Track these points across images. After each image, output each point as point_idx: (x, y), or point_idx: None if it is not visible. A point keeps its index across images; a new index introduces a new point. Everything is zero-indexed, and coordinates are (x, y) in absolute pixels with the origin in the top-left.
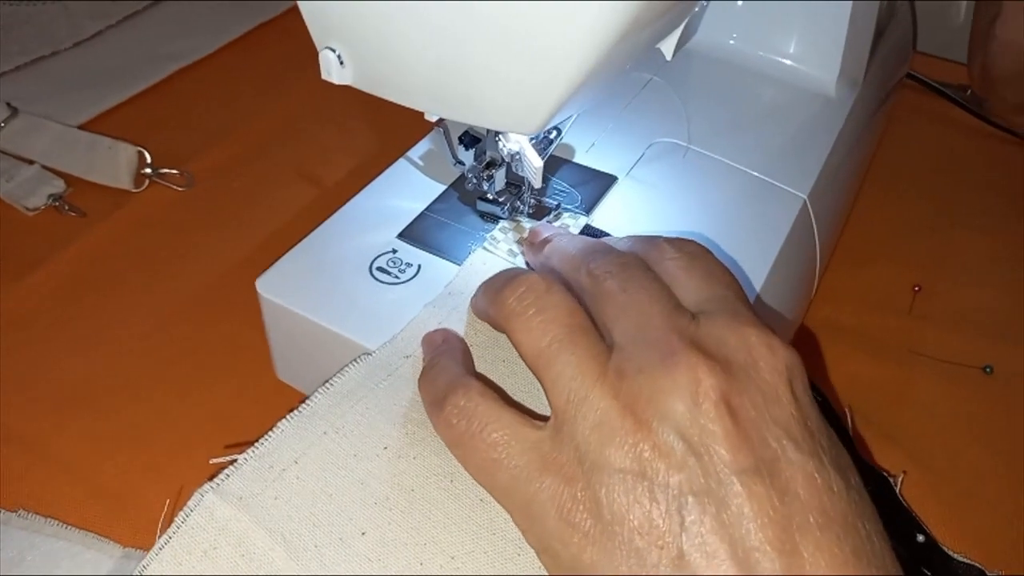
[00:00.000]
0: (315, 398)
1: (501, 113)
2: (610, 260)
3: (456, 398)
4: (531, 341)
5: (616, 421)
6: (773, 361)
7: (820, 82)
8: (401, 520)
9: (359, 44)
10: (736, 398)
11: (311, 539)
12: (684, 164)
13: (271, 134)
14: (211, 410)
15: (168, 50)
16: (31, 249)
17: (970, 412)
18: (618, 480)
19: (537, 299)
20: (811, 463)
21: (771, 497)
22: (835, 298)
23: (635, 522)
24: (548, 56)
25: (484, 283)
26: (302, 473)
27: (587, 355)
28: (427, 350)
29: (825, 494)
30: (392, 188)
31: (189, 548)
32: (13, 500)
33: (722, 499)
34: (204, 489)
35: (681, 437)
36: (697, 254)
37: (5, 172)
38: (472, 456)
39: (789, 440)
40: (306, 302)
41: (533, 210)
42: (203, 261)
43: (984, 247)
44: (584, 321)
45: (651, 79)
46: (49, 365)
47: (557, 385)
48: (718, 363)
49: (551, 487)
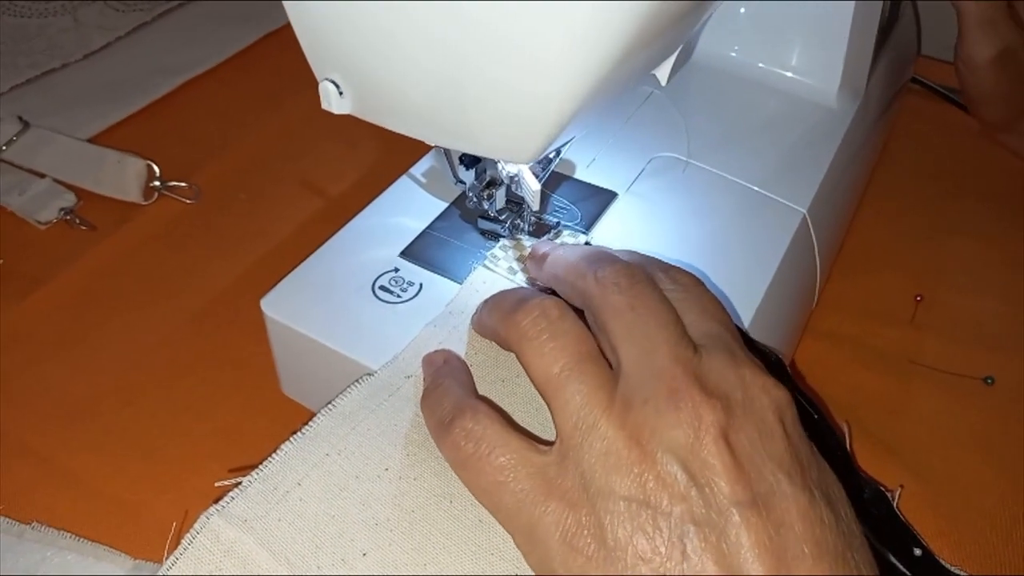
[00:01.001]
0: (317, 420)
1: (496, 143)
2: (617, 270)
3: (464, 421)
4: (543, 366)
5: (623, 451)
6: (766, 400)
7: (821, 93)
8: (402, 541)
9: (357, 76)
10: (734, 434)
11: (314, 560)
12: (684, 179)
13: (276, 146)
14: (218, 424)
15: (174, 63)
16: (43, 263)
17: (970, 423)
18: (623, 507)
19: (550, 325)
20: (804, 496)
21: (767, 528)
22: (836, 308)
23: (638, 548)
24: (541, 89)
25: (491, 300)
26: (305, 495)
27: (596, 383)
28: (427, 371)
29: (817, 526)
30: (394, 206)
31: (195, 569)
32: (26, 513)
33: (721, 529)
34: (209, 512)
35: (683, 469)
36: (690, 286)
37: (17, 186)
38: (478, 478)
39: (783, 474)
40: (310, 322)
41: (533, 228)
42: (210, 274)
43: (986, 256)
44: (593, 349)
45: (652, 93)
46: (59, 379)
47: (565, 412)
48: (719, 400)
49: (555, 511)
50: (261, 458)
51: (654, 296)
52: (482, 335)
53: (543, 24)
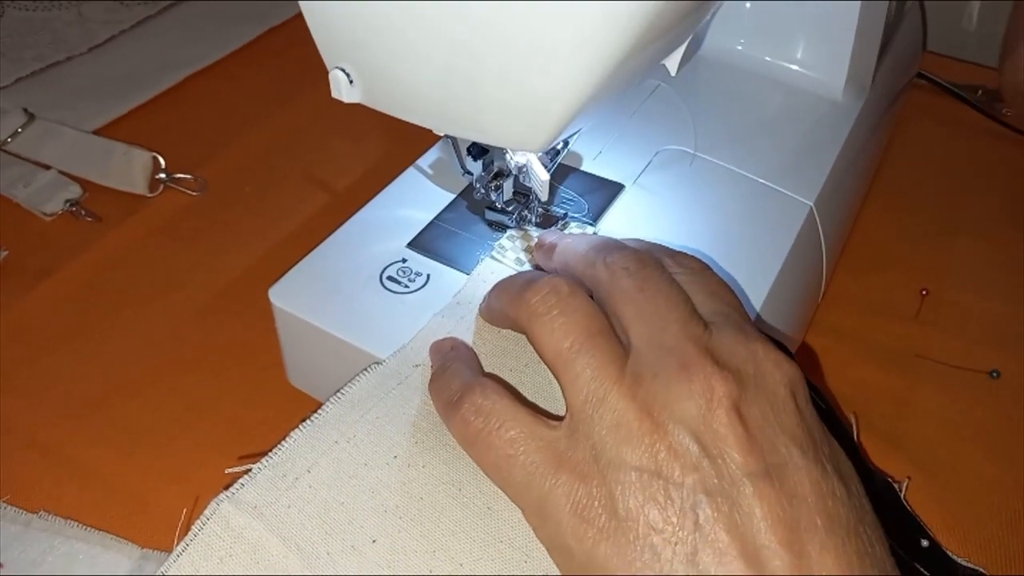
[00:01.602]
0: (326, 408)
1: (506, 131)
2: (626, 256)
3: (474, 396)
4: (552, 342)
5: (633, 423)
6: (779, 374)
7: (827, 87)
8: (411, 528)
9: (368, 64)
10: (746, 407)
11: (324, 547)
12: (691, 172)
13: (281, 139)
14: (225, 414)
15: (179, 57)
16: (49, 254)
17: (976, 417)
18: (634, 478)
19: (560, 301)
20: (816, 469)
21: (780, 500)
22: (841, 303)
23: (649, 518)
24: (553, 76)
25: (498, 285)
26: (314, 482)
27: (606, 358)
28: (435, 358)
29: (829, 499)
30: (401, 197)
31: (205, 555)
32: (33, 502)
33: (734, 500)
34: (220, 498)
35: (695, 440)
36: (698, 270)
37: (23, 178)
38: (487, 453)
39: (796, 447)
40: (318, 312)
41: (541, 219)
42: (217, 266)
43: (992, 253)
44: (604, 325)
45: (658, 86)
46: (66, 370)
47: (576, 385)
48: (730, 373)
49: (566, 484)
50: (268, 448)
51: (663, 278)
52: (490, 321)
53: (554, 19)
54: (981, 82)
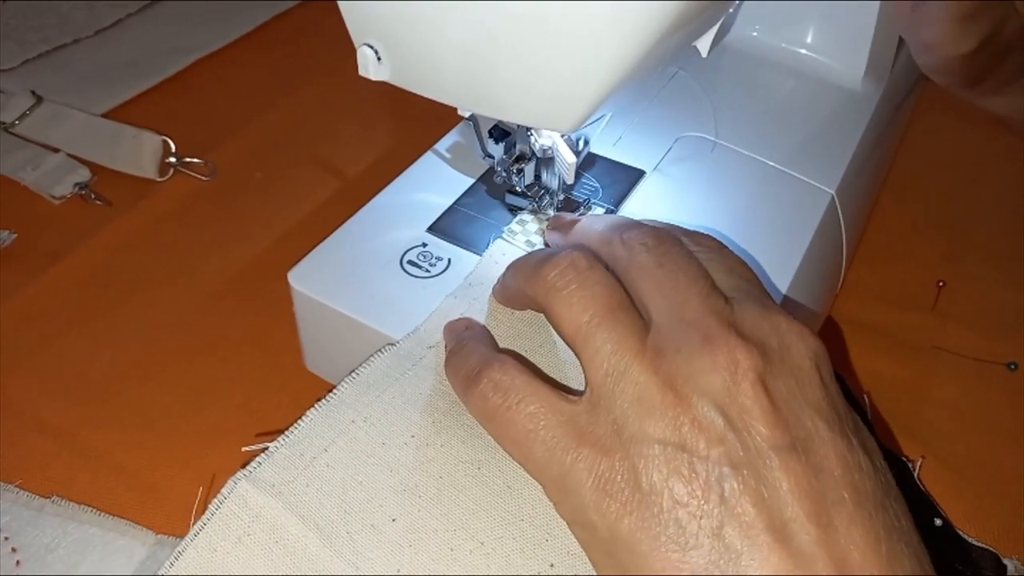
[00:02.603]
0: (341, 388)
1: (538, 110)
2: (644, 232)
3: (492, 371)
4: (572, 316)
5: (656, 396)
6: (803, 347)
7: (846, 76)
8: (430, 507)
9: (397, 40)
10: (771, 379)
11: (344, 526)
12: (712, 158)
13: (291, 124)
14: (239, 399)
15: (188, 40)
16: (59, 238)
17: (993, 409)
18: (658, 451)
19: (578, 275)
20: (842, 443)
21: (807, 473)
22: (858, 294)
23: (674, 492)
24: (588, 53)
25: (513, 264)
26: (332, 461)
27: (627, 332)
28: (450, 337)
29: (856, 472)
30: (420, 182)
31: (223, 534)
32: (45, 487)
33: (760, 473)
34: (237, 477)
35: (720, 412)
36: (715, 248)
37: (31, 161)
38: (507, 429)
39: (821, 420)
40: (339, 296)
41: (562, 204)
42: (227, 251)
43: (1008, 244)
44: (624, 298)
45: (676, 72)
46: (77, 354)
47: (596, 359)
48: (755, 346)
49: (588, 458)
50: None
51: (682, 253)
52: (504, 301)
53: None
54: None
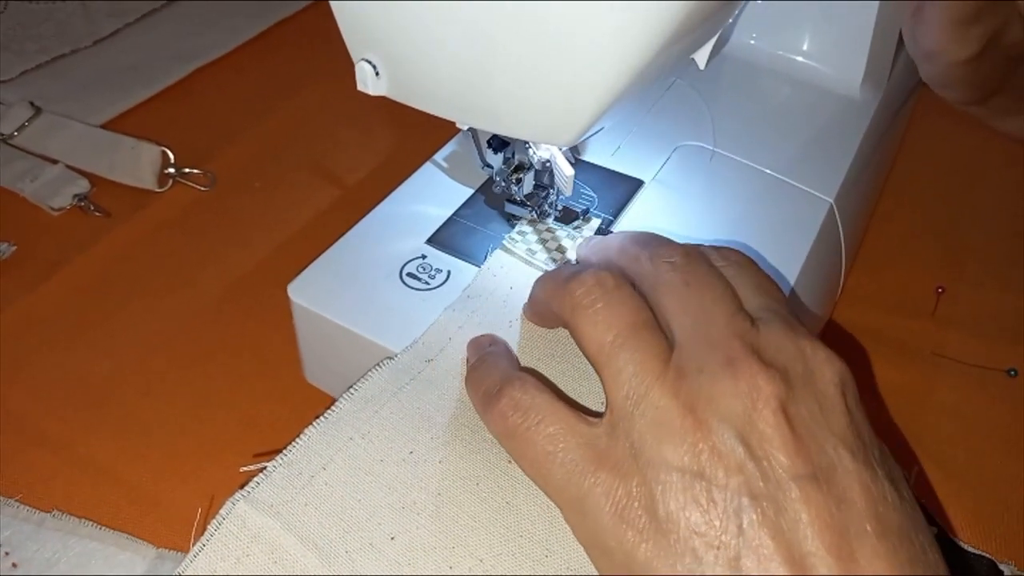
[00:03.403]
0: (339, 404)
1: (537, 124)
2: (671, 249)
3: (513, 390)
4: (595, 335)
5: (676, 420)
6: (829, 373)
7: (844, 83)
8: (429, 524)
9: (395, 55)
10: (794, 406)
11: (342, 545)
12: (710, 168)
13: (290, 133)
14: (239, 412)
15: (186, 49)
16: (57, 249)
17: (994, 415)
18: (676, 479)
19: (605, 293)
20: (866, 473)
21: (828, 504)
22: (858, 300)
23: (691, 521)
24: (588, 67)
25: (542, 277)
26: (330, 479)
27: (650, 353)
28: (473, 352)
29: (880, 504)
30: (419, 193)
31: (223, 555)
32: (46, 501)
33: (780, 504)
34: (235, 498)
35: (740, 440)
36: (743, 264)
37: (29, 172)
38: (526, 449)
39: (845, 449)
40: (338, 308)
41: (561, 214)
42: (227, 262)
43: (1008, 250)
44: (649, 318)
45: (674, 81)
46: (77, 366)
47: (617, 381)
48: (777, 371)
49: (605, 482)
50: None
51: (709, 272)
52: (533, 316)
53: (589, 12)
54: None
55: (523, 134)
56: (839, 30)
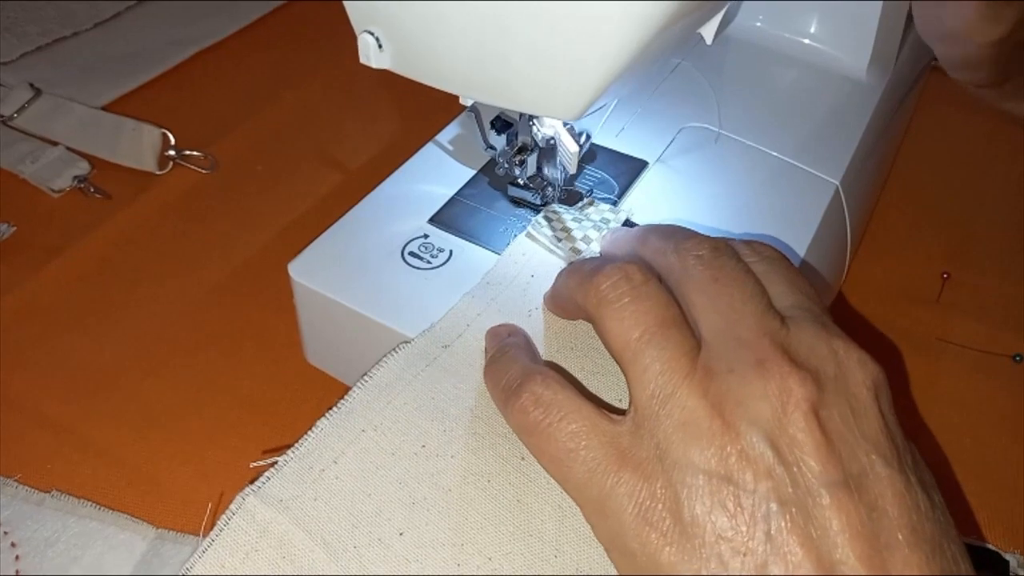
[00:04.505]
0: (353, 394)
1: (541, 98)
2: (699, 242)
3: (535, 386)
4: (622, 331)
5: (703, 422)
6: (862, 375)
7: (851, 66)
8: (439, 521)
9: (399, 27)
10: (826, 410)
11: (351, 540)
12: (715, 149)
13: (292, 117)
14: (240, 394)
15: (188, 33)
16: (58, 231)
17: (1000, 401)
18: (702, 482)
19: (632, 289)
20: (900, 480)
21: (859, 512)
22: (863, 286)
23: (717, 526)
24: (594, 38)
25: (567, 268)
26: (341, 473)
27: (678, 351)
28: (491, 343)
29: (914, 512)
30: (421, 173)
31: (231, 550)
32: (45, 482)
33: (809, 511)
34: (245, 492)
35: (770, 445)
36: (775, 259)
37: (30, 154)
38: (548, 446)
39: (878, 455)
40: (339, 287)
41: (565, 196)
42: (228, 245)
43: (1012, 235)
44: (678, 315)
45: (680, 63)
46: (77, 348)
47: (643, 378)
48: (809, 373)
49: (629, 482)
50: (284, 429)
51: (738, 267)
52: (554, 307)
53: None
54: None
55: (527, 108)
56: (846, 12)
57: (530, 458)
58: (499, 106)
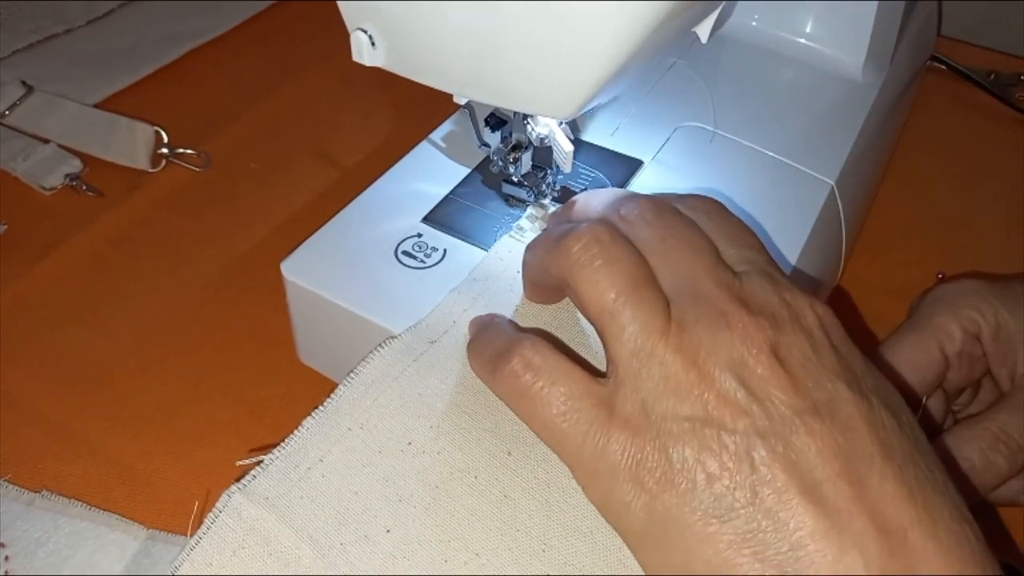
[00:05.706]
0: (340, 391)
1: (536, 97)
2: (641, 205)
3: (523, 350)
4: (597, 294)
5: (680, 375)
6: (811, 316)
7: (846, 65)
8: (425, 517)
9: (392, 24)
10: (784, 348)
11: (337, 537)
12: (710, 149)
13: (286, 115)
14: (234, 393)
15: (181, 29)
16: (50, 229)
17: None
18: (687, 428)
19: (603, 250)
20: (863, 403)
21: (832, 434)
22: (858, 285)
23: (706, 467)
24: (589, 36)
25: (533, 242)
26: (327, 471)
27: (652, 311)
28: (474, 327)
29: (880, 429)
30: (415, 171)
31: (219, 548)
32: (36, 481)
33: (787, 439)
34: (231, 490)
35: (741, 384)
36: (714, 212)
37: (21, 151)
38: (539, 410)
39: (841, 382)
40: (332, 286)
41: (559, 194)
42: (221, 243)
43: (1007, 235)
44: (648, 274)
45: (675, 62)
46: (69, 346)
47: (622, 339)
48: (765, 318)
49: (619, 439)
50: (277, 427)
51: (684, 224)
52: (532, 292)
53: None
54: (994, 67)
55: (521, 107)
56: (842, 12)
57: (517, 453)
58: (493, 104)
